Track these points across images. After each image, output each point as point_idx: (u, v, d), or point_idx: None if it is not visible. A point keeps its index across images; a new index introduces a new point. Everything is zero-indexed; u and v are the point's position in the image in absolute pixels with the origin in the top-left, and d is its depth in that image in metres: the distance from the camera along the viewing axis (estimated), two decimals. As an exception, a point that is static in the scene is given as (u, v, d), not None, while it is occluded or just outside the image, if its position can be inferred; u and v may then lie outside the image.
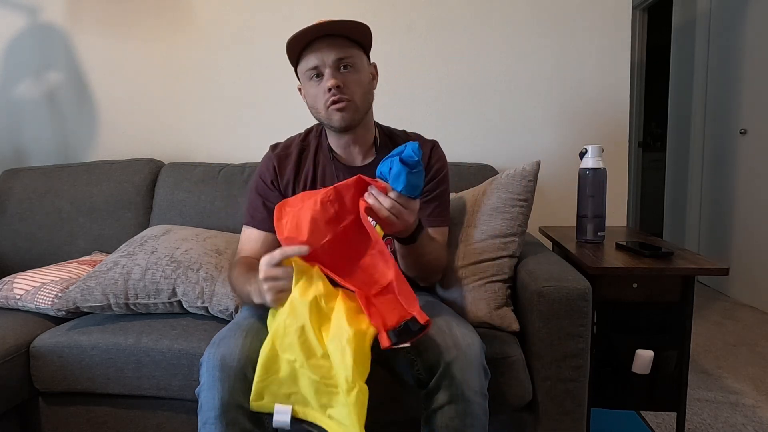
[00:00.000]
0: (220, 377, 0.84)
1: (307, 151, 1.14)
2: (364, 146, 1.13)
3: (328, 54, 1.01)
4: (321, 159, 1.13)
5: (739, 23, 2.68)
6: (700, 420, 1.55)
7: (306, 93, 1.07)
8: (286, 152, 1.14)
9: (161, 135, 1.98)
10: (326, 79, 1.01)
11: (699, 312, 2.55)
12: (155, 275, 1.28)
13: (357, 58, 1.05)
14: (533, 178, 1.23)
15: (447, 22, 1.83)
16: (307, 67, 1.03)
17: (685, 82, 3.26)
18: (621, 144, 1.83)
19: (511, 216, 1.21)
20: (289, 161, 1.13)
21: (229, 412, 0.83)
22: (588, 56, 1.81)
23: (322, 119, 1.07)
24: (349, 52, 1.03)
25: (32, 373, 1.21)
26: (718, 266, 1.14)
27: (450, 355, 0.87)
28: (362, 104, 1.06)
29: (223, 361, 0.85)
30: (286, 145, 1.16)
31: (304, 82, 1.06)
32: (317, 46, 1.01)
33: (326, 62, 1.01)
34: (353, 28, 1.02)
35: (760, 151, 2.52)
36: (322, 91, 1.02)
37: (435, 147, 1.17)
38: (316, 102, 1.05)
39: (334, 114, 1.03)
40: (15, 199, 1.74)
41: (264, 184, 1.12)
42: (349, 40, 1.04)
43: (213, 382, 0.85)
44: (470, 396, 0.86)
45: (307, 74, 1.04)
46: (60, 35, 1.96)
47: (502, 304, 1.16)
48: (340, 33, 1.02)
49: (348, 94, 1.02)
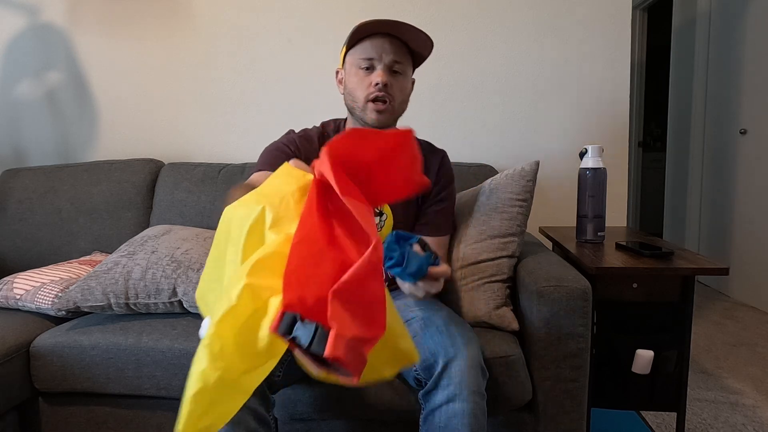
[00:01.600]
0: None
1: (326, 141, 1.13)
2: None
3: (387, 53, 1.04)
4: None
5: (739, 23, 2.68)
6: (700, 420, 1.55)
7: (348, 78, 1.08)
8: (307, 136, 1.14)
9: (161, 135, 1.98)
10: (377, 74, 1.03)
11: (699, 312, 2.55)
12: (156, 275, 1.28)
13: (407, 67, 1.09)
14: (532, 178, 1.23)
15: (447, 22, 1.83)
16: (363, 55, 1.04)
17: (685, 82, 3.26)
18: (621, 144, 1.83)
19: (510, 216, 1.21)
20: (310, 143, 1.13)
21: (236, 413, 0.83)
22: (588, 56, 1.81)
23: (356, 109, 1.08)
24: (405, 59, 1.07)
25: (32, 373, 1.21)
26: (718, 266, 1.14)
27: (448, 354, 0.88)
28: (398, 110, 1.09)
29: None
30: (305, 131, 1.16)
31: (350, 67, 1.07)
32: (380, 40, 1.04)
33: (383, 59, 1.04)
34: (421, 40, 1.06)
35: (760, 151, 2.52)
36: (368, 83, 1.04)
37: (444, 157, 1.20)
38: (356, 90, 1.06)
39: (371, 111, 1.05)
40: (15, 199, 1.74)
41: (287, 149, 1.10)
42: (407, 48, 1.07)
43: None
44: (468, 396, 0.86)
45: (358, 62, 1.05)
46: (60, 35, 1.96)
47: (501, 303, 1.16)
48: (405, 38, 1.05)
49: (391, 95, 1.05)
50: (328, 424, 1.12)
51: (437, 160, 1.18)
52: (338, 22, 1.86)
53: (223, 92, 1.93)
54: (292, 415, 1.07)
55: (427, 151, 1.19)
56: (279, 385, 0.95)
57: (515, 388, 1.04)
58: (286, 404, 1.06)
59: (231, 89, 1.93)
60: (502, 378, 1.03)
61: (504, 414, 1.09)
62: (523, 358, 1.07)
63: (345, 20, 1.86)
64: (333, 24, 1.87)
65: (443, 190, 1.18)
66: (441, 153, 1.21)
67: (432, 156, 1.19)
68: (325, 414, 1.07)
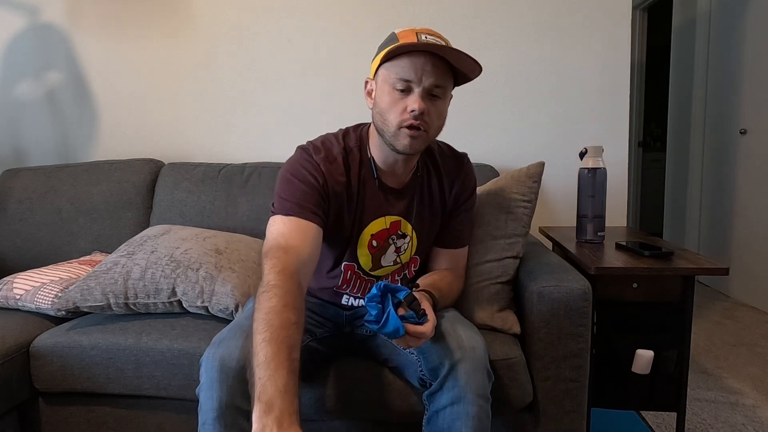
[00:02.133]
0: (218, 378, 0.84)
1: (351, 161, 1.01)
2: (409, 168, 1.04)
3: (428, 76, 0.90)
4: (364, 174, 1.02)
5: (739, 23, 2.68)
6: (700, 420, 1.55)
7: (379, 95, 0.95)
8: (330, 158, 0.99)
9: (161, 135, 1.98)
10: (414, 100, 0.90)
11: (699, 312, 2.55)
12: (155, 275, 1.28)
13: (448, 88, 0.96)
14: (538, 179, 1.23)
15: (447, 22, 1.83)
16: (398, 75, 0.90)
17: (685, 82, 3.26)
18: (621, 144, 1.83)
19: (516, 216, 1.21)
20: (335, 168, 0.98)
21: (228, 414, 0.83)
22: (588, 56, 1.81)
23: (387, 133, 0.94)
24: (446, 80, 0.94)
25: (32, 373, 1.21)
26: (718, 266, 1.14)
27: (455, 356, 0.87)
28: (433, 136, 0.98)
29: (222, 362, 0.85)
30: (327, 148, 1.00)
31: (383, 83, 0.94)
32: (420, 60, 0.89)
33: (422, 82, 0.90)
34: (468, 64, 0.92)
35: (760, 151, 2.52)
36: (402, 108, 0.91)
37: (467, 162, 1.12)
38: (388, 112, 0.93)
39: (404, 137, 0.92)
40: (15, 199, 1.73)
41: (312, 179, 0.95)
42: (450, 67, 0.94)
43: (212, 383, 0.84)
44: (473, 398, 0.85)
45: (392, 81, 0.91)
46: (60, 35, 1.96)
47: (505, 306, 1.16)
48: (450, 58, 0.91)
49: (427, 123, 0.93)
50: (330, 425, 1.12)
51: (460, 167, 1.10)
52: (338, 22, 1.86)
53: (223, 92, 1.93)
54: (292, 415, 1.06)
55: (449, 156, 1.11)
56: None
57: (516, 390, 1.04)
58: (286, 404, 1.05)
59: (231, 89, 1.93)
60: (503, 381, 1.03)
61: (505, 415, 1.09)
62: (524, 360, 1.07)
63: (345, 20, 1.86)
64: (333, 24, 1.87)
65: (468, 200, 1.11)
66: (463, 158, 1.12)
67: (454, 162, 1.10)
68: (326, 414, 1.07)
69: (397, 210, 1.05)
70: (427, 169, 1.08)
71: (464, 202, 1.11)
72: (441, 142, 1.12)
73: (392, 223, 1.04)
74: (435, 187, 1.08)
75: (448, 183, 1.09)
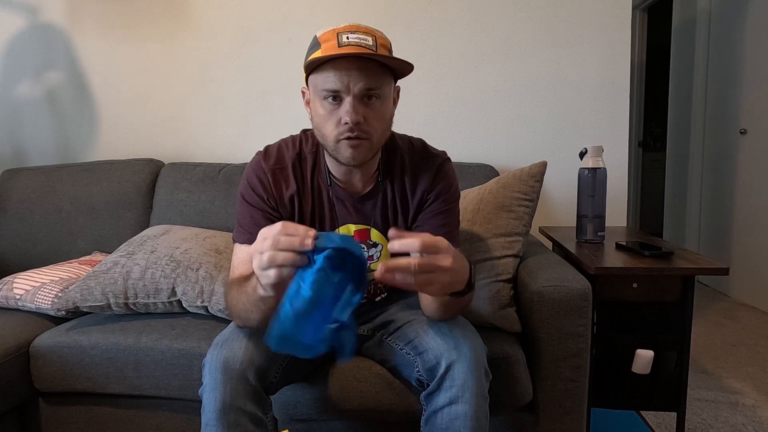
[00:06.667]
0: (222, 380, 0.84)
1: (303, 169, 0.98)
2: (367, 174, 0.98)
3: (356, 81, 0.83)
4: (318, 182, 0.98)
5: (739, 23, 2.68)
6: (700, 420, 1.55)
7: (314, 110, 0.90)
8: (280, 165, 0.97)
9: (161, 135, 1.98)
10: (346, 110, 0.84)
11: (699, 312, 2.55)
12: (155, 275, 1.28)
13: (386, 86, 0.88)
14: (540, 178, 1.24)
15: (447, 22, 1.83)
16: (325, 86, 0.85)
17: (685, 82, 3.26)
18: (621, 144, 1.83)
19: (517, 215, 1.21)
20: (284, 178, 0.96)
21: (231, 415, 0.83)
22: (588, 56, 1.81)
23: (328, 148, 0.90)
24: (379, 82, 0.86)
25: (32, 373, 1.21)
26: (718, 266, 1.14)
27: (451, 356, 0.87)
28: (379, 141, 0.91)
29: (225, 363, 0.85)
30: (278, 157, 0.98)
31: (314, 96, 0.89)
32: (344, 66, 0.83)
33: (351, 89, 0.84)
34: (397, 64, 0.85)
35: (760, 151, 2.52)
36: (337, 120, 0.86)
37: (444, 161, 1.02)
38: (324, 125, 0.88)
39: (345, 149, 0.87)
40: (15, 199, 1.73)
41: (258, 198, 0.96)
42: (382, 65, 0.86)
43: (215, 384, 0.84)
44: (471, 398, 0.85)
45: (321, 93, 0.86)
46: (60, 35, 1.96)
47: (506, 304, 1.16)
48: (378, 58, 0.84)
49: (367, 131, 0.86)
50: (329, 425, 1.12)
51: (430, 166, 1.00)
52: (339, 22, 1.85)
53: (223, 92, 1.93)
54: (292, 415, 1.07)
55: (419, 156, 1.01)
56: (276, 387, 0.95)
57: (516, 389, 1.04)
58: (286, 405, 1.05)
59: (231, 89, 1.93)
60: (503, 379, 1.03)
61: (504, 414, 1.09)
62: (524, 359, 1.07)
63: (345, 20, 1.84)
64: (333, 24, 1.85)
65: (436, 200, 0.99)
66: (435, 157, 1.01)
67: (423, 161, 1.00)
68: (325, 415, 1.07)
69: (362, 218, 1.00)
70: (390, 172, 1.00)
71: (432, 202, 0.99)
72: (417, 139, 1.05)
73: (358, 231, 1.00)
74: (401, 190, 1.00)
75: (413, 183, 1.00)
